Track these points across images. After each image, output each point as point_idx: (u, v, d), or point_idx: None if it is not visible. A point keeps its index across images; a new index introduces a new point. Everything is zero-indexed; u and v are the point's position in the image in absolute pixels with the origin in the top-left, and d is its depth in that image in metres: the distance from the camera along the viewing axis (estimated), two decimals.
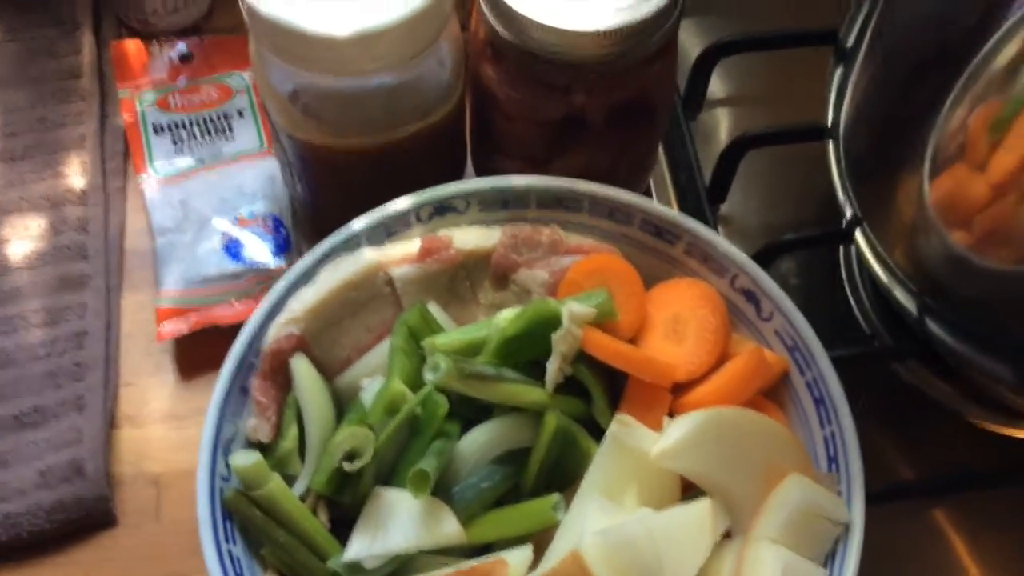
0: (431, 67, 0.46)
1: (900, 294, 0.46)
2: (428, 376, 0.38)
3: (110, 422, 0.50)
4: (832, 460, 0.40)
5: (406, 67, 0.44)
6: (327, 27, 0.41)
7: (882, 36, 0.42)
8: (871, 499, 0.41)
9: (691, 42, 0.61)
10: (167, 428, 0.50)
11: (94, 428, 0.48)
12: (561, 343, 0.39)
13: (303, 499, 0.40)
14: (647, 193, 0.56)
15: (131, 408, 0.51)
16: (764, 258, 0.50)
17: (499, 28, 0.44)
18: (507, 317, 0.41)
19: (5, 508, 0.46)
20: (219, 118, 0.58)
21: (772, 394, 0.43)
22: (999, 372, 0.45)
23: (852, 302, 0.54)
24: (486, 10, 0.44)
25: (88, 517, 0.47)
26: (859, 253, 0.48)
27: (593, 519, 0.36)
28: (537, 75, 0.45)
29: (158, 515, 0.48)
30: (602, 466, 0.38)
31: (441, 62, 0.47)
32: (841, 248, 0.55)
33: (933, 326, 0.46)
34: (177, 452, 0.49)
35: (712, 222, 0.55)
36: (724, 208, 0.57)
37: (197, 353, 0.52)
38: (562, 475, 0.40)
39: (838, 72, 0.46)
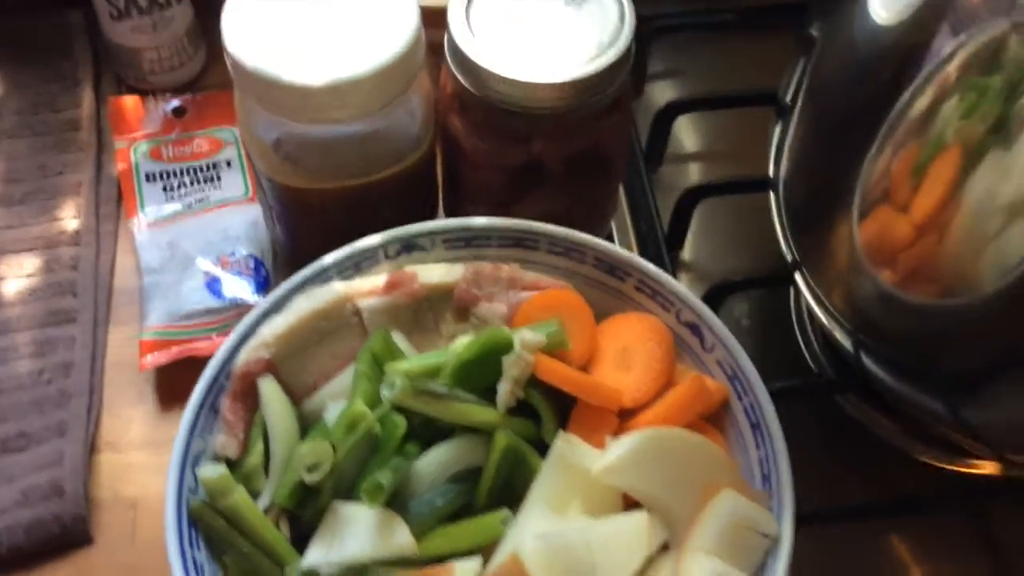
0: (402, 117, 0.50)
1: (837, 332, 0.49)
2: (384, 393, 0.40)
3: (91, 447, 0.52)
4: (766, 479, 0.43)
5: (377, 116, 0.48)
6: (303, 78, 0.45)
7: (812, 93, 0.46)
8: (807, 519, 0.44)
9: (656, 102, 0.65)
10: (146, 454, 0.53)
11: (75, 452, 0.51)
12: (512, 367, 0.42)
13: (267, 513, 0.42)
14: (609, 239, 0.59)
15: (112, 435, 0.53)
16: (714, 298, 0.53)
17: (464, 82, 0.48)
18: (463, 343, 0.44)
19: None
20: (208, 168, 0.62)
21: (714, 419, 0.46)
22: (932, 407, 0.48)
23: (801, 343, 0.57)
24: (452, 65, 0.48)
25: (65, 535, 0.49)
26: (801, 295, 0.51)
27: (535, 526, 0.38)
28: (499, 125, 0.49)
29: (133, 537, 0.50)
30: (546, 480, 0.40)
31: (412, 113, 0.50)
32: (792, 292, 0.58)
33: (869, 362, 0.49)
34: (154, 476, 0.52)
35: (670, 267, 0.58)
36: (685, 255, 0.61)
37: (177, 384, 0.54)
38: (513, 493, 0.42)
39: (777, 128, 0.50)
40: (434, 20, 0.49)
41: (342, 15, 0.47)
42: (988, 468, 0.53)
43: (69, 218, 0.59)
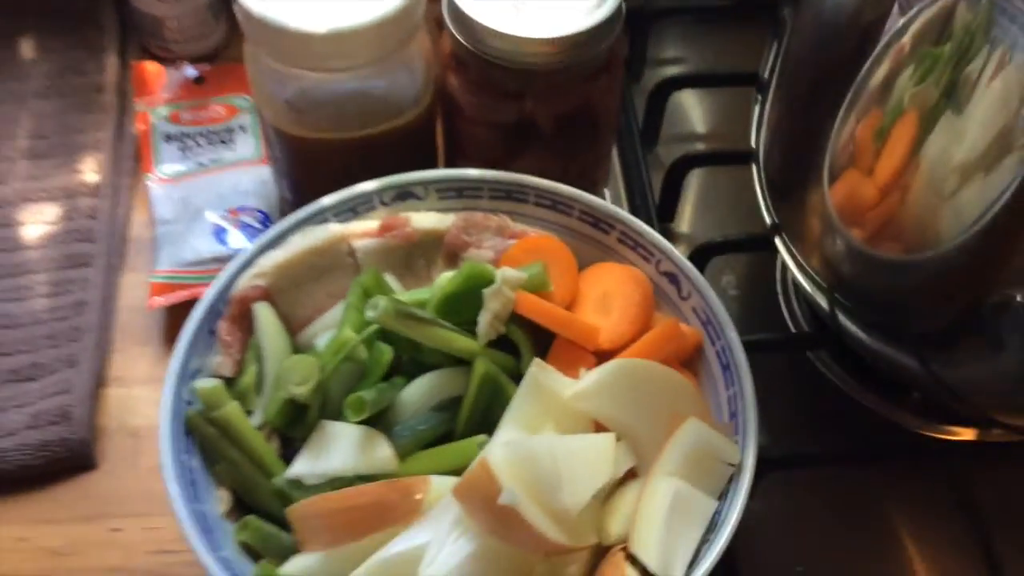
0: (402, 75, 0.53)
1: (814, 291, 0.51)
2: (369, 313, 0.43)
3: (99, 380, 0.55)
4: (733, 415, 0.44)
5: (376, 70, 0.51)
6: (307, 25, 0.48)
7: (784, 70, 0.49)
8: (774, 463, 0.46)
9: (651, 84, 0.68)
10: (150, 389, 0.55)
11: (83, 382, 0.54)
12: (492, 300, 0.45)
13: (259, 431, 0.45)
14: None
15: (119, 370, 0.56)
16: (697, 259, 0.56)
17: (460, 38, 0.50)
18: (447, 276, 0.46)
19: None
20: (223, 131, 0.65)
21: (689, 364, 0.48)
22: (906, 363, 0.50)
23: (784, 310, 0.59)
24: (449, 22, 0.51)
25: (71, 457, 0.52)
26: (783, 262, 0.53)
27: (505, 438, 0.40)
28: (493, 82, 0.51)
29: (135, 463, 0.53)
30: (520, 404, 0.43)
31: (412, 72, 0.53)
32: (777, 262, 0.60)
33: (845, 320, 0.50)
34: (157, 409, 0.54)
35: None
36: (679, 227, 0.63)
37: (182, 324, 0.57)
38: (491, 422, 0.44)
39: (757, 104, 0.52)
40: None
41: None
42: (965, 434, 0.55)
43: (89, 172, 0.63)
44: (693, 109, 0.68)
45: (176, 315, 0.57)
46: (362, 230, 0.50)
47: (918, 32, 0.39)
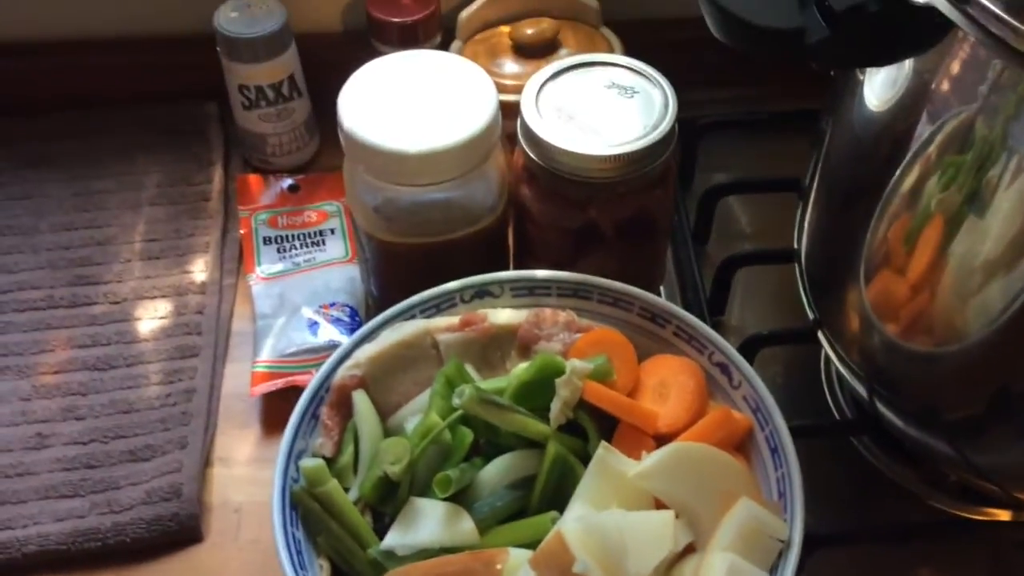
0: (479, 186, 0.59)
1: (853, 381, 0.56)
2: (455, 401, 0.48)
3: (206, 460, 0.61)
4: (782, 495, 0.49)
5: (458, 183, 0.57)
6: (401, 146, 0.55)
7: (823, 177, 0.54)
8: (821, 540, 0.50)
9: (705, 187, 0.74)
10: (251, 469, 0.61)
11: (192, 462, 0.60)
12: (563, 387, 0.50)
13: (355, 506, 0.50)
14: None
15: (224, 452, 0.62)
16: (747, 350, 0.60)
17: (532, 155, 0.57)
18: (522, 367, 0.52)
19: (116, 519, 0.57)
20: (315, 234, 0.72)
21: (741, 448, 0.52)
22: (942, 450, 0.54)
23: (828, 398, 0.63)
24: (523, 141, 0.58)
25: (181, 531, 0.58)
26: (825, 353, 0.58)
27: (576, 514, 0.45)
28: (561, 192, 0.58)
29: (237, 536, 0.59)
30: (588, 482, 0.48)
31: (488, 183, 0.60)
32: (822, 354, 0.65)
33: (883, 409, 0.55)
34: (257, 488, 0.60)
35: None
36: (727, 320, 0.68)
37: (280, 412, 0.62)
38: (562, 499, 0.49)
39: (799, 208, 0.58)
40: (510, 112, 0.59)
41: (434, 98, 0.57)
42: (1002, 515, 0.58)
43: (198, 272, 0.70)
44: (742, 211, 0.74)
45: (273, 401, 0.63)
46: (445, 325, 0.55)
47: (942, 142, 0.43)
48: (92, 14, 0.77)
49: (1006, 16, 0.34)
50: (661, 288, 0.69)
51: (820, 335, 0.57)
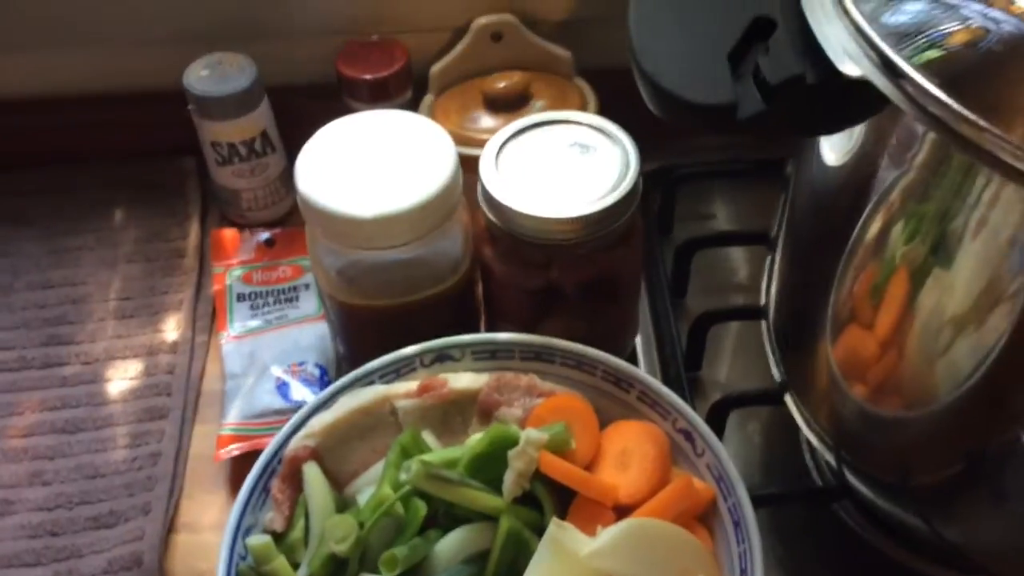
0: (442, 246, 0.58)
1: (822, 448, 0.54)
2: (402, 476, 0.47)
3: (169, 526, 0.60)
4: (743, 572, 0.47)
5: (419, 244, 0.56)
6: (356, 210, 0.54)
7: (789, 229, 0.53)
8: None
9: (683, 238, 0.72)
10: (216, 535, 0.59)
11: (155, 529, 0.59)
12: (516, 459, 0.49)
13: None
14: (632, 358, 0.65)
15: (189, 517, 0.61)
16: (717, 411, 0.59)
17: (492, 217, 0.56)
18: (476, 438, 0.51)
19: None
20: (289, 290, 0.72)
21: (704, 517, 0.51)
22: (911, 521, 0.52)
23: (808, 457, 0.61)
24: (483, 203, 0.57)
25: None
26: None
27: None
28: (522, 254, 0.56)
29: None
30: (539, 562, 0.46)
31: (451, 242, 0.59)
32: None
33: (850, 476, 0.53)
34: None
35: (687, 384, 0.63)
36: (709, 375, 0.66)
37: (247, 474, 0.62)
38: (517, 573, 0.48)
39: (768, 261, 0.56)
40: (474, 166, 0.58)
41: (394, 160, 0.56)
42: None
43: (170, 330, 0.70)
44: (723, 261, 0.72)
45: (241, 465, 0.62)
46: (404, 391, 0.54)
47: (904, 191, 0.41)
48: (68, 71, 0.78)
49: (942, 95, 0.33)
50: (638, 341, 0.67)
51: (787, 397, 0.55)
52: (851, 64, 0.36)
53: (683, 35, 0.40)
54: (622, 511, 0.50)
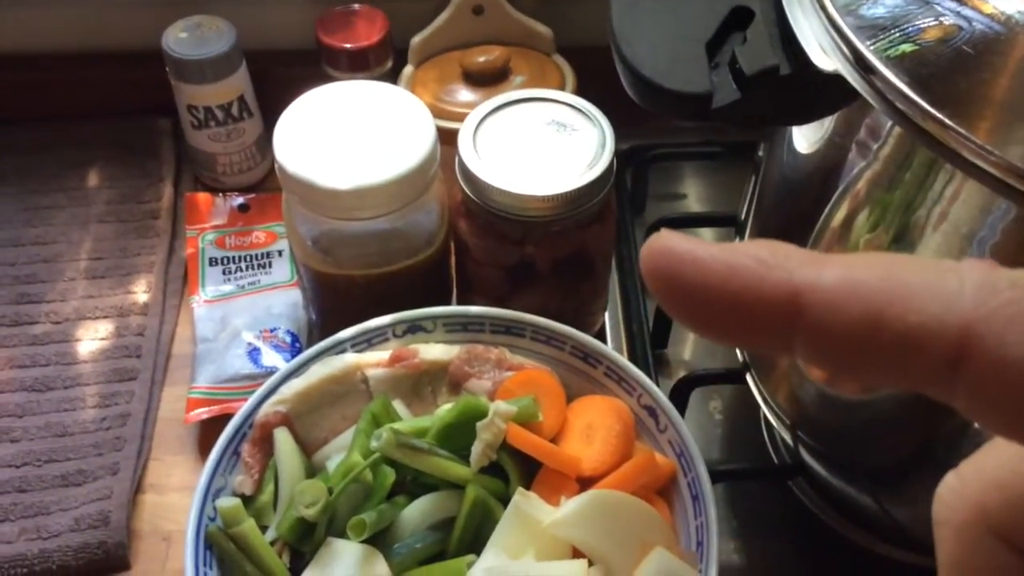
0: (418, 218, 0.59)
1: (779, 426, 0.55)
2: (373, 443, 0.48)
3: (136, 487, 0.61)
4: (700, 544, 0.49)
5: (395, 216, 0.57)
6: (334, 182, 0.54)
7: (757, 212, 0.54)
8: None
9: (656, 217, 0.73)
10: (182, 496, 0.61)
11: (123, 489, 0.60)
12: (484, 431, 0.50)
13: (273, 545, 0.50)
14: (601, 335, 0.67)
15: (156, 478, 0.62)
16: (680, 390, 0.60)
17: (469, 192, 0.57)
18: (446, 409, 0.52)
19: (43, 545, 0.57)
20: (262, 256, 0.72)
21: (664, 491, 0.52)
22: (862, 501, 0.53)
23: (766, 436, 0.63)
24: (460, 178, 0.57)
25: (107, 559, 0.57)
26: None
27: (487, 564, 0.45)
28: (497, 229, 0.57)
29: (164, 566, 0.58)
30: (504, 529, 0.47)
31: (427, 215, 0.59)
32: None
33: (805, 455, 0.55)
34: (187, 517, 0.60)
35: (652, 362, 0.65)
36: (672, 352, 0.68)
37: (215, 438, 0.63)
38: (482, 541, 0.49)
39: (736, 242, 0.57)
40: (451, 139, 0.58)
41: (372, 131, 0.57)
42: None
43: (141, 292, 0.70)
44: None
45: (209, 428, 0.63)
46: (375, 360, 0.55)
47: (870, 180, 0.42)
48: (46, 27, 0.77)
49: (909, 92, 0.34)
50: (607, 318, 0.68)
51: (748, 377, 0.57)
52: (824, 57, 0.37)
53: (664, 22, 0.41)
54: (585, 483, 0.51)
